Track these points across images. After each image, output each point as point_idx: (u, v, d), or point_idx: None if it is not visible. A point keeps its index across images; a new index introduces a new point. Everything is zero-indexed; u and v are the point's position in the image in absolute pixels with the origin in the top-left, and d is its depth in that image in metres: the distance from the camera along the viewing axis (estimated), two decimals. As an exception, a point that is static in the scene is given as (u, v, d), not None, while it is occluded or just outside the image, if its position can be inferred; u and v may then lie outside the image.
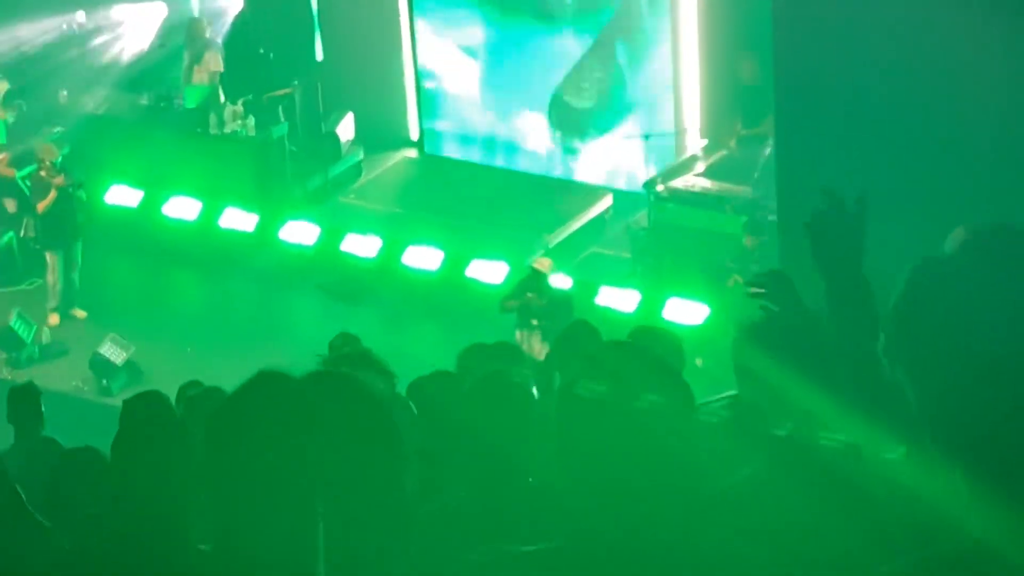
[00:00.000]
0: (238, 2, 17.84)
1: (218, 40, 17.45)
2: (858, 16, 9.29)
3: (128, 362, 14.15)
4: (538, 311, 13.10)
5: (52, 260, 15.16)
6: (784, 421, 3.99)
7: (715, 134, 15.47)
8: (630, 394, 2.92)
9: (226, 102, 16.79)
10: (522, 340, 12.84)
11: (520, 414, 4.55)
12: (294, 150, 17.02)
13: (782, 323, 4.14)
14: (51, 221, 15.04)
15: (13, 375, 13.94)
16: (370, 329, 12.81)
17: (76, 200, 15.16)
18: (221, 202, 16.35)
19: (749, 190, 14.11)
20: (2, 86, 17.00)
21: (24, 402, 8.87)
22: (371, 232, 15.81)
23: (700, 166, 14.96)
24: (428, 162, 17.92)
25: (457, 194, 16.65)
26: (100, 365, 14.10)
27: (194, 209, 16.50)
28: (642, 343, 5.30)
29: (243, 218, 16.32)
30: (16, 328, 14.56)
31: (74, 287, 15.32)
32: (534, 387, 5.67)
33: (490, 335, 8.96)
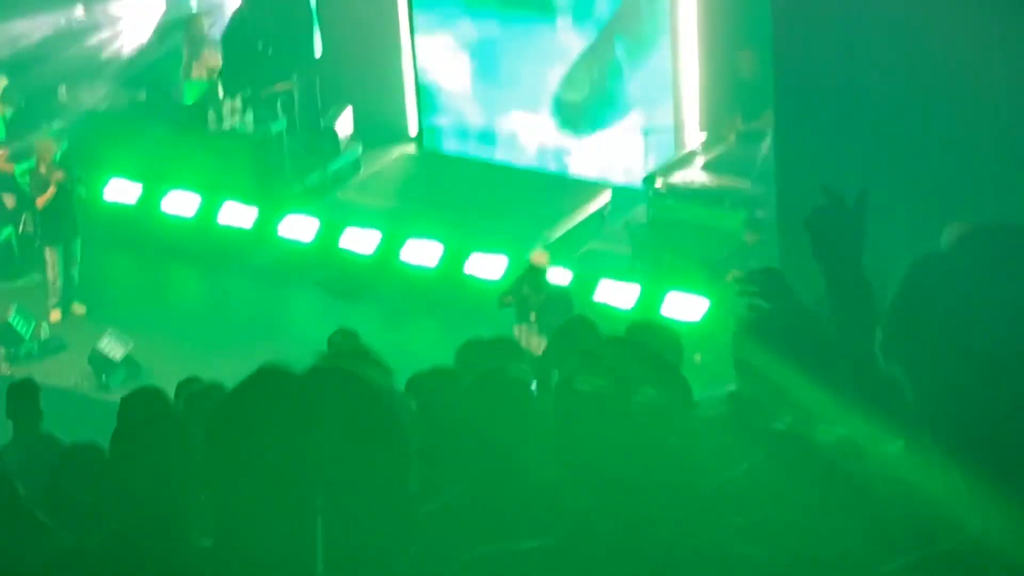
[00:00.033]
0: (236, -2, 17.85)
1: (216, 36, 17.44)
2: (857, 12, 9.29)
3: (127, 358, 14.14)
4: (536, 305, 13.08)
5: (51, 256, 15.14)
6: (783, 416, 3.99)
7: (714, 129, 15.46)
8: (627, 389, 2.91)
9: (225, 98, 16.78)
10: (520, 335, 12.83)
11: (519, 411, 4.54)
12: (292, 146, 17.01)
13: (781, 319, 4.14)
14: (50, 217, 15.02)
15: (12, 371, 13.93)
16: (369, 324, 12.81)
17: (75, 196, 15.15)
18: (220, 198, 16.34)
19: (748, 185, 14.10)
20: (1, 82, 16.99)
21: (23, 398, 8.87)
22: (370, 227, 15.80)
23: (699, 161, 14.95)
24: (427, 157, 17.91)
25: (456, 189, 16.64)
26: (99, 361, 14.10)
27: (193, 205, 16.49)
28: (640, 338, 5.30)
29: (242, 214, 16.31)
30: (15, 324, 14.55)
31: (73, 283, 15.31)
32: (533, 383, 5.66)
33: (489, 330, 8.94)
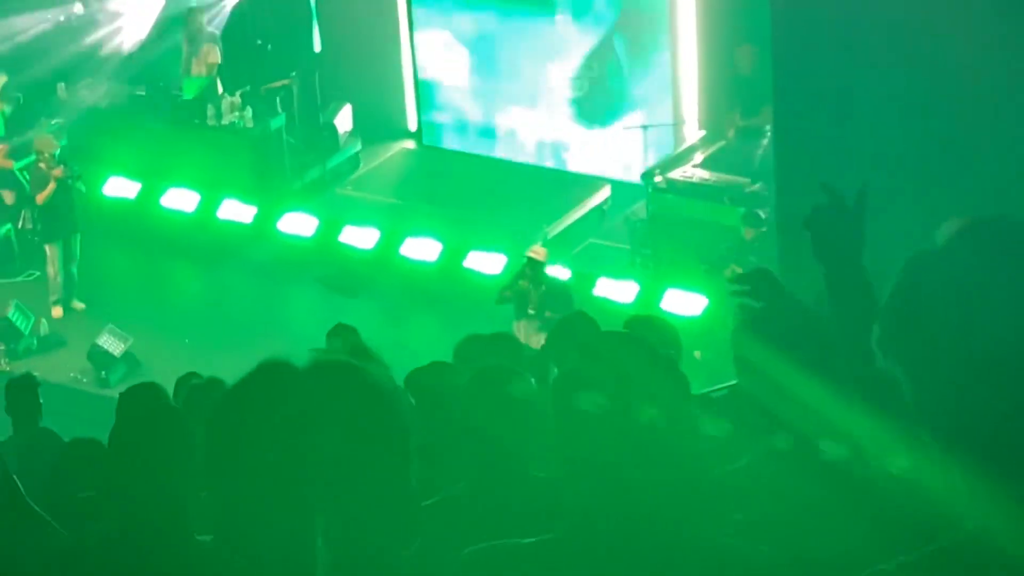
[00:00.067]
0: (236, -7, 17.84)
1: (216, 32, 17.43)
2: (857, 8, 9.28)
3: (126, 353, 14.14)
4: (535, 301, 13.08)
5: (52, 252, 15.14)
6: (782, 411, 3.99)
7: (713, 125, 15.46)
8: (624, 384, 2.92)
9: (224, 93, 16.78)
10: (519, 331, 12.82)
11: (518, 407, 4.54)
12: (292, 141, 17.01)
13: (776, 316, 4.14)
14: (50, 213, 15.02)
15: (11, 367, 13.94)
16: (368, 320, 12.80)
17: (75, 192, 15.15)
18: (219, 194, 16.34)
19: (748, 181, 14.10)
20: (0, 79, 16.98)
21: (22, 393, 8.88)
22: (369, 224, 15.81)
23: (698, 157, 14.94)
24: (426, 153, 17.91)
25: (455, 185, 16.65)
26: (98, 356, 14.10)
27: (192, 201, 16.49)
28: (638, 333, 5.30)
29: (241, 210, 16.31)
30: (14, 320, 14.56)
31: (73, 280, 15.31)
32: (532, 379, 5.66)
33: (488, 326, 8.94)
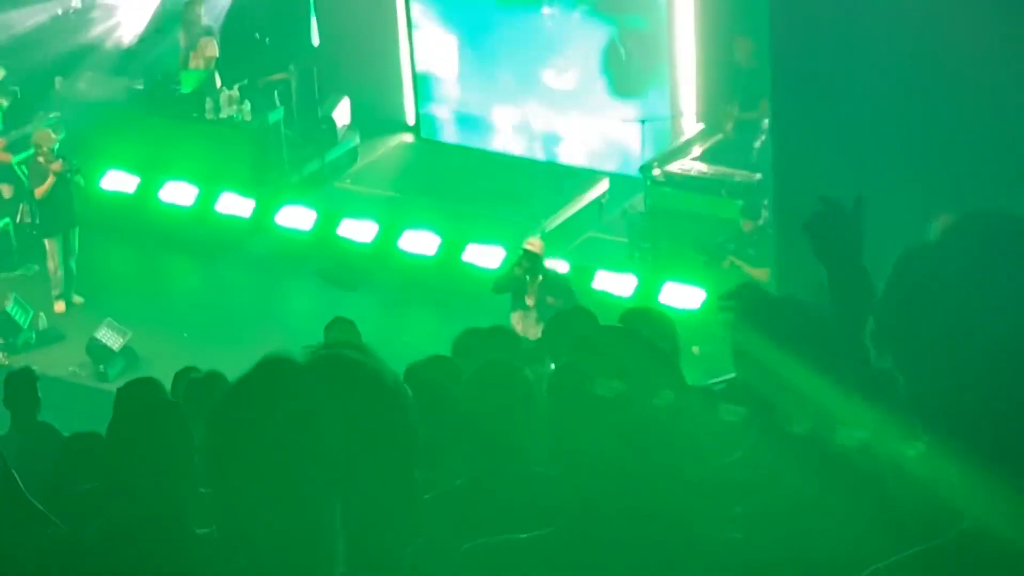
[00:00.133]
0: (234, -13, 17.82)
1: (214, 25, 17.42)
2: (854, 1, 9.28)
3: (125, 347, 14.14)
4: (532, 292, 13.05)
5: (51, 247, 15.12)
6: (781, 402, 3.99)
7: (712, 118, 15.45)
8: (619, 375, 2.92)
9: (222, 87, 16.77)
10: (516, 322, 12.81)
11: (518, 401, 4.54)
12: (290, 135, 17.00)
13: (780, 309, 4.15)
14: (49, 207, 15.01)
15: (10, 360, 13.94)
16: (366, 313, 12.82)
17: (74, 186, 15.14)
18: (217, 187, 16.34)
19: (746, 174, 14.10)
20: (-2, 72, 16.99)
21: (21, 387, 8.88)
22: (367, 217, 15.80)
23: (696, 150, 14.94)
24: (424, 146, 17.91)
25: (453, 178, 16.65)
26: (97, 350, 14.10)
27: (190, 194, 16.49)
28: (634, 326, 5.30)
29: (239, 203, 16.31)
30: (13, 314, 14.55)
31: (72, 274, 15.30)
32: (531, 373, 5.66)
33: (487, 319, 8.94)
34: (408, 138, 18.04)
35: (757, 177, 13.84)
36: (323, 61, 17.43)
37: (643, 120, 15.68)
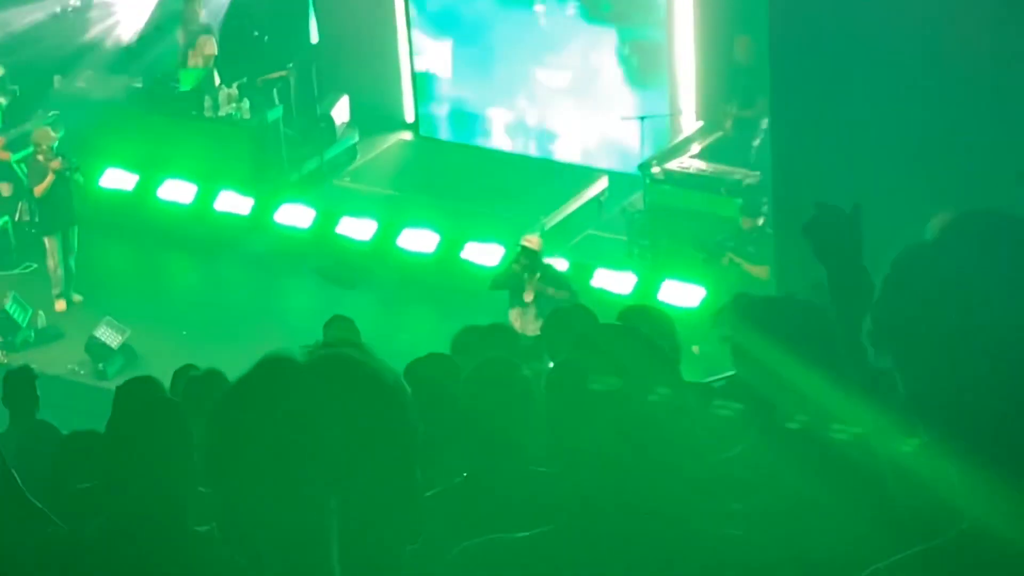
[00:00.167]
0: (233, -15, 17.81)
1: (213, 23, 17.41)
2: (853, -2, 9.29)
3: (124, 345, 14.14)
4: (531, 289, 13.04)
5: (51, 245, 15.11)
6: (780, 402, 3.99)
7: (711, 116, 15.46)
8: (618, 373, 2.92)
9: (221, 85, 16.77)
10: (515, 319, 12.81)
11: (517, 399, 4.55)
12: (289, 133, 17.00)
13: (779, 309, 4.16)
14: (48, 205, 15.00)
15: (9, 359, 13.94)
16: (365, 312, 12.82)
17: (73, 184, 15.13)
18: (216, 185, 16.34)
19: (745, 172, 14.10)
20: (-3, 71, 16.99)
21: (20, 385, 8.87)
22: (366, 215, 15.80)
23: (696, 148, 14.94)
24: (423, 144, 17.91)
25: (452, 176, 16.64)
26: (96, 349, 14.10)
27: (189, 192, 16.49)
28: (633, 323, 5.30)
29: (238, 201, 16.31)
30: (12, 312, 14.55)
31: (71, 272, 15.29)
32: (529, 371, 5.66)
33: (486, 317, 8.95)
34: (407, 136, 18.04)
35: (756, 175, 13.84)
36: (322, 59, 17.42)
37: (642, 117, 15.66)
